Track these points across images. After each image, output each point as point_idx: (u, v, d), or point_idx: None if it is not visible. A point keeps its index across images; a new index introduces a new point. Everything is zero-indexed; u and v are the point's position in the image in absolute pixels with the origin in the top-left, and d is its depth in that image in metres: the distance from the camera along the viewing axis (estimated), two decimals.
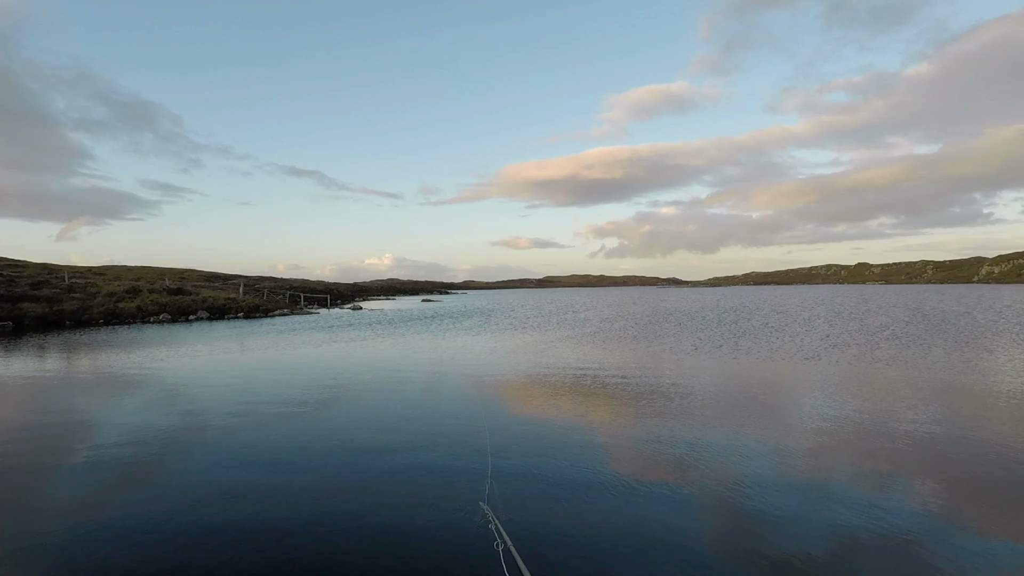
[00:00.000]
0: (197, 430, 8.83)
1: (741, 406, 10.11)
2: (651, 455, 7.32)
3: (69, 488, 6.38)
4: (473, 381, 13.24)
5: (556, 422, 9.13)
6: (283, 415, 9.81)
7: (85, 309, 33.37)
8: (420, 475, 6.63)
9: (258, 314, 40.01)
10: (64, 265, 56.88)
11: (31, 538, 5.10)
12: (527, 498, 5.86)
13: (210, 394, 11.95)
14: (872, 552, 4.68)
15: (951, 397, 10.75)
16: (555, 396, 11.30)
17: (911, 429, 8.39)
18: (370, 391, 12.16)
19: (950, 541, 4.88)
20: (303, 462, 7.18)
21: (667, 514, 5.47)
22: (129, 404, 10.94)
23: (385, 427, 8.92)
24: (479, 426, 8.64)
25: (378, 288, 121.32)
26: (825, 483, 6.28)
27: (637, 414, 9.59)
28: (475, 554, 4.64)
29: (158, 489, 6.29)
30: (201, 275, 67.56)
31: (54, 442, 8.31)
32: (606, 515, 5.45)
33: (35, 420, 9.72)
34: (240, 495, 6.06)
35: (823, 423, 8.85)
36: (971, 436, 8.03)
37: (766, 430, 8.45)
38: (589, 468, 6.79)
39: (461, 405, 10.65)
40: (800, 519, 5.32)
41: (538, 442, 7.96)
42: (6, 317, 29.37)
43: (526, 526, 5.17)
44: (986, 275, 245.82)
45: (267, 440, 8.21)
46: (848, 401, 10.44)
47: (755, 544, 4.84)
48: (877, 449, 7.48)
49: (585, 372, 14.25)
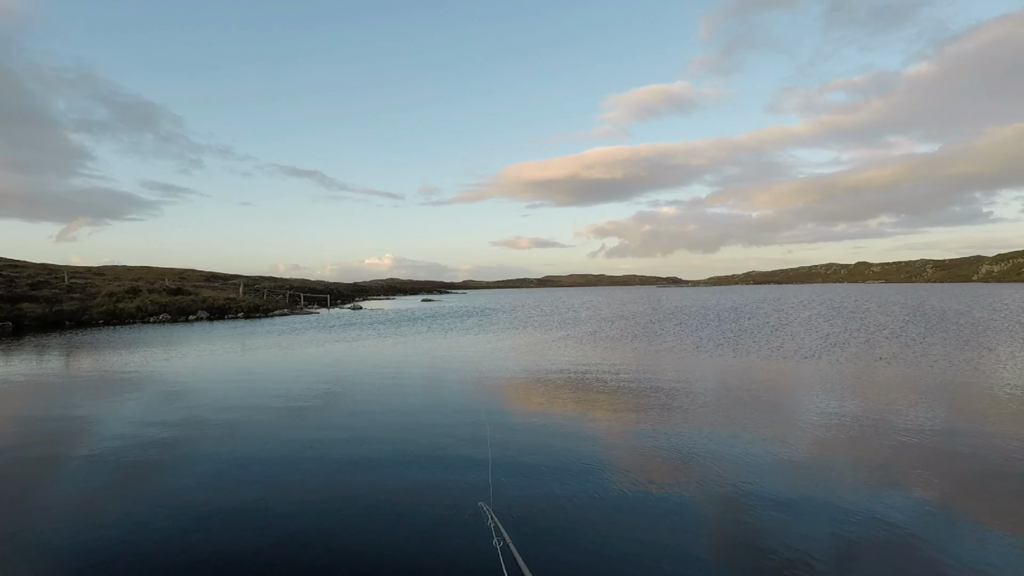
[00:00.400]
0: (198, 430, 8.82)
1: (742, 405, 10.11)
2: (652, 454, 7.31)
3: (70, 488, 6.38)
4: (474, 380, 13.23)
5: (557, 421, 9.12)
6: (284, 415, 9.80)
7: (85, 309, 33.36)
8: (421, 473, 6.63)
9: (258, 314, 40.01)
10: (64, 265, 56.89)
11: (33, 537, 5.10)
12: (528, 495, 5.85)
13: (211, 394, 11.95)
14: (874, 550, 4.67)
15: (951, 395, 10.75)
16: (556, 395, 11.29)
17: (912, 427, 8.39)
18: (371, 390, 12.15)
19: (952, 539, 4.87)
20: (304, 461, 7.17)
21: (667, 512, 5.46)
22: (130, 404, 10.94)
23: (386, 426, 8.92)
24: (480, 424, 8.64)
25: (378, 288, 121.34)
26: (826, 482, 6.27)
27: (638, 413, 9.59)
28: (474, 551, 4.64)
29: (159, 489, 6.29)
30: (201, 275, 67.55)
31: (56, 442, 8.31)
32: (606, 513, 5.45)
33: (36, 420, 9.71)
34: (242, 494, 6.06)
35: (824, 422, 8.85)
36: (972, 434, 8.02)
37: (767, 429, 8.45)
38: (589, 467, 6.79)
39: (462, 404, 10.65)
40: (802, 518, 5.31)
41: (539, 440, 7.96)
42: (6, 317, 29.36)
43: (527, 523, 5.16)
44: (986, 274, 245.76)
45: (268, 440, 8.21)
46: (848, 399, 10.43)
47: (755, 542, 4.83)
48: (878, 447, 7.47)
49: (586, 371, 14.24)
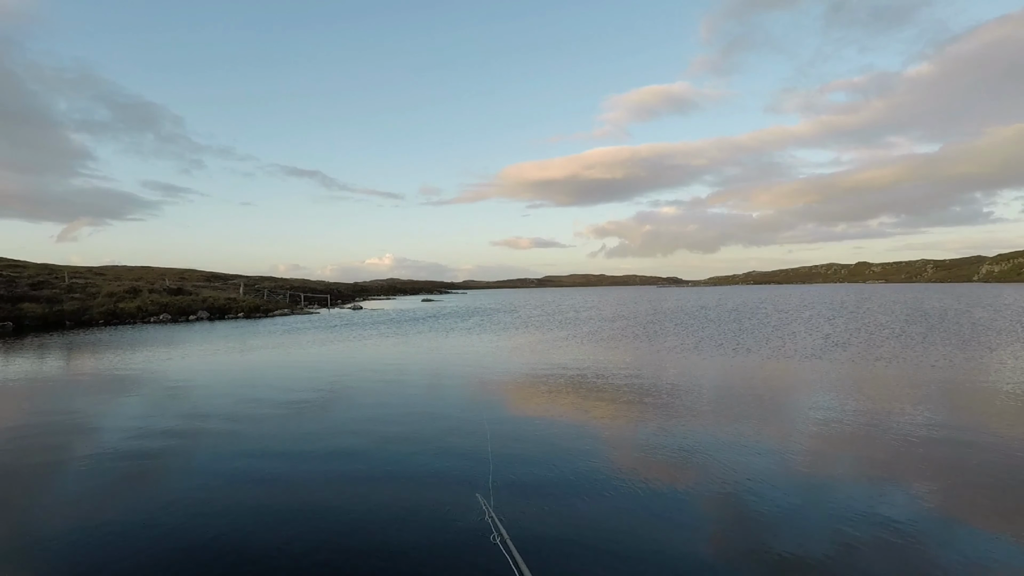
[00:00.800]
0: (201, 430, 8.83)
1: (742, 405, 10.10)
2: (652, 452, 7.31)
3: (74, 488, 6.38)
4: (474, 380, 13.23)
5: (557, 419, 9.12)
6: (285, 415, 9.80)
7: (85, 309, 33.37)
8: (422, 472, 6.63)
9: (258, 314, 40.00)
10: (64, 265, 56.91)
11: (35, 538, 5.10)
12: (528, 493, 5.85)
13: (211, 394, 11.95)
14: (874, 550, 4.66)
15: (952, 395, 10.74)
16: (556, 394, 11.29)
17: (912, 427, 8.38)
18: (371, 390, 12.15)
19: (952, 539, 4.87)
20: (308, 460, 7.17)
21: (667, 511, 5.46)
22: (132, 404, 10.94)
23: (387, 425, 8.92)
24: (480, 423, 8.64)
25: (378, 288, 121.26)
26: (827, 482, 6.27)
27: (638, 412, 9.58)
28: (473, 547, 4.65)
29: (163, 489, 6.28)
30: (201, 275, 67.55)
31: (57, 442, 8.31)
32: (606, 511, 5.44)
33: (38, 420, 9.71)
34: (245, 493, 6.06)
35: (824, 421, 8.84)
36: (972, 433, 8.02)
37: (767, 429, 8.44)
38: (590, 465, 6.78)
39: (462, 403, 10.65)
40: (802, 518, 5.31)
41: (539, 439, 7.95)
42: (6, 317, 29.37)
43: (527, 521, 5.16)
44: (986, 274, 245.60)
45: (271, 439, 8.21)
46: (849, 399, 10.42)
47: (755, 541, 4.83)
48: (879, 447, 7.47)
49: (587, 371, 14.24)
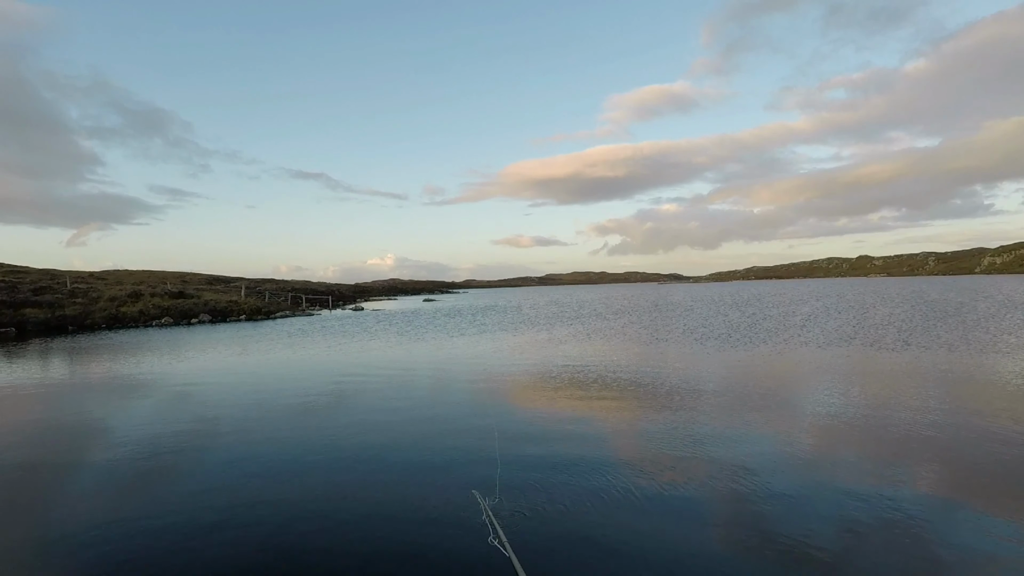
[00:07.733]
0: (208, 432, 8.83)
1: (747, 400, 10.08)
2: (657, 448, 7.29)
3: (85, 491, 6.39)
4: (478, 379, 13.22)
5: (563, 418, 9.11)
6: (289, 416, 9.80)
7: (87, 314, 33.41)
8: (425, 472, 6.62)
9: (260, 316, 40.03)
10: (67, 270, 57.02)
11: (50, 540, 5.11)
12: (532, 491, 5.84)
13: (216, 397, 11.94)
14: (880, 541, 4.65)
15: (956, 386, 10.71)
16: (561, 392, 11.27)
17: (917, 418, 8.36)
18: (375, 390, 12.15)
19: (957, 530, 4.85)
20: (316, 461, 7.18)
21: (673, 506, 5.45)
22: (138, 408, 10.94)
23: (391, 425, 8.92)
24: (486, 422, 8.63)
25: (380, 288, 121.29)
26: (833, 474, 6.25)
27: (643, 407, 9.57)
28: (472, 547, 4.66)
29: (174, 491, 6.29)
30: (203, 278, 67.63)
31: (66, 445, 8.32)
32: (606, 510, 5.44)
33: (46, 424, 9.71)
34: (255, 495, 6.06)
35: (829, 414, 8.82)
36: (976, 424, 7.99)
37: (773, 424, 8.43)
38: (593, 464, 6.77)
39: (467, 403, 10.64)
40: (808, 511, 5.29)
41: (544, 438, 7.95)
42: (9, 323, 29.42)
43: (532, 519, 5.16)
44: (988, 266, 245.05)
45: (279, 440, 8.21)
46: (853, 391, 10.40)
47: (761, 534, 4.81)
48: (884, 438, 7.45)
49: (590, 367, 14.22)
